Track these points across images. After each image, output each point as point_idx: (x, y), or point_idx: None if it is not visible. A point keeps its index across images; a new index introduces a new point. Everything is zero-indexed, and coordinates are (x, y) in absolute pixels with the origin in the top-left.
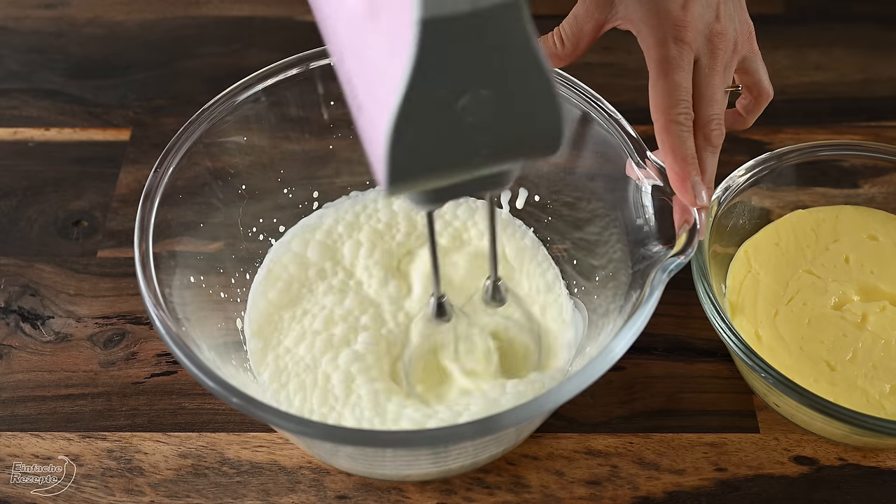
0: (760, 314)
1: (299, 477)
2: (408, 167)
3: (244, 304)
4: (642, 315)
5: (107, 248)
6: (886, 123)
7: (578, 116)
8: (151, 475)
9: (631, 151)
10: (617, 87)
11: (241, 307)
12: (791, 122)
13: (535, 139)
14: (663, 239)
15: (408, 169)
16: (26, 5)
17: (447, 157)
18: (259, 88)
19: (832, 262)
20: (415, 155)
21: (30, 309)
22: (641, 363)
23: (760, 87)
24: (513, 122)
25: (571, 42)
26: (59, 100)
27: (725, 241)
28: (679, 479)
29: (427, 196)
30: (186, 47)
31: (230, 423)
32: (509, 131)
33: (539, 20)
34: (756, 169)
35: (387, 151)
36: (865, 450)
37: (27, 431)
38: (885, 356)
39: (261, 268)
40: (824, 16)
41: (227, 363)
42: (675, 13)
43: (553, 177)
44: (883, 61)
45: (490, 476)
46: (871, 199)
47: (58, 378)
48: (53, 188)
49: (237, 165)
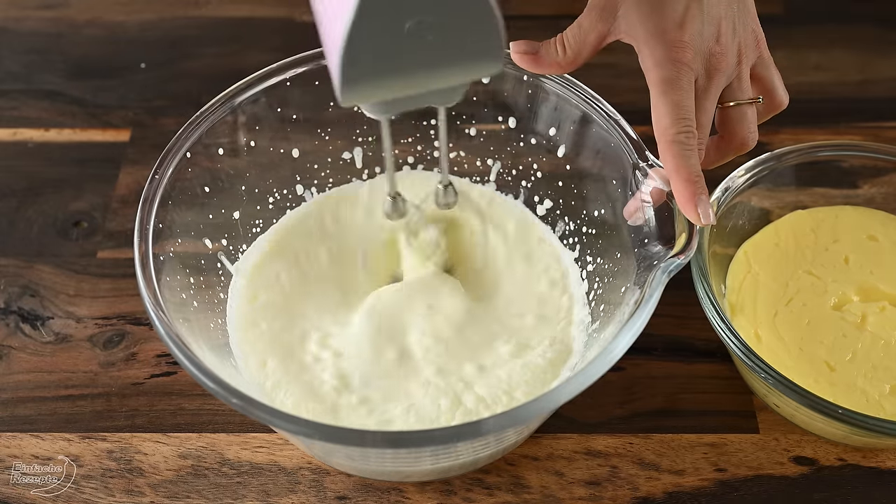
0: (760, 315)
1: (299, 477)
2: (358, 78)
3: None
4: (642, 315)
5: (106, 248)
6: (886, 124)
7: (578, 117)
8: (151, 476)
9: (630, 152)
10: (617, 89)
11: None
12: (790, 123)
13: (478, 55)
14: (663, 239)
15: (358, 80)
16: (26, 6)
17: (395, 72)
18: (259, 89)
19: (832, 263)
20: (365, 68)
21: (29, 310)
22: (641, 364)
23: (773, 94)
24: (456, 41)
25: (573, 51)
26: (58, 101)
27: (725, 242)
28: (679, 479)
29: (381, 105)
30: (186, 48)
31: (230, 423)
32: (453, 49)
33: (541, 20)
34: (756, 169)
35: (340, 63)
36: (865, 450)
37: (27, 432)
38: (884, 356)
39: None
40: (823, 16)
41: (226, 364)
42: (672, 34)
43: (552, 178)
44: (882, 61)
45: (490, 476)
46: (870, 200)
47: (57, 379)
48: (53, 189)
49: (237, 166)
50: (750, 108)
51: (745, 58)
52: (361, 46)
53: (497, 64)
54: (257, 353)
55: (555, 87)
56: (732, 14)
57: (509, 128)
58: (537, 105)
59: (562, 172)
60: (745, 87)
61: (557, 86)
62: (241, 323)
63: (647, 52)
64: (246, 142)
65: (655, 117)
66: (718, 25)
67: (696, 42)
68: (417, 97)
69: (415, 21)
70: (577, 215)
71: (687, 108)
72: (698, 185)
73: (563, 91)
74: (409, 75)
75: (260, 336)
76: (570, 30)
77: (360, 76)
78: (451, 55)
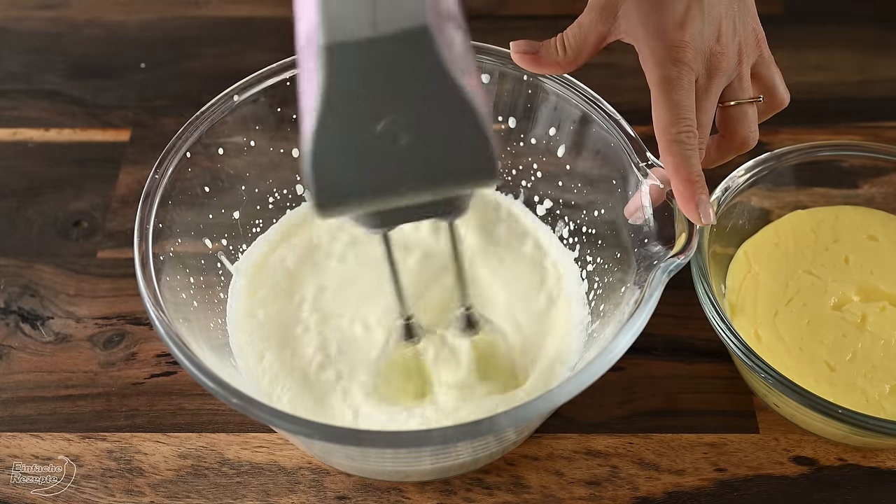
0: (760, 314)
1: (299, 477)
2: (333, 191)
3: None
4: (642, 315)
5: (106, 248)
6: (886, 124)
7: (578, 117)
8: (151, 476)
9: (630, 152)
10: (617, 88)
11: None
12: (790, 123)
13: (466, 167)
14: (663, 239)
15: (333, 193)
16: (26, 6)
17: (373, 183)
18: (258, 89)
19: (832, 263)
20: (339, 179)
21: (29, 309)
22: (641, 363)
23: (774, 93)
24: (438, 150)
25: (574, 51)
26: (58, 100)
27: (725, 242)
28: (679, 479)
29: (373, 219)
30: (186, 48)
31: (230, 423)
32: (435, 159)
33: (541, 20)
34: (755, 169)
35: (310, 174)
36: (865, 450)
37: (27, 432)
38: (884, 356)
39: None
40: (823, 16)
41: (226, 364)
42: (672, 34)
43: (552, 178)
44: (882, 61)
45: (490, 476)
46: (870, 200)
47: (57, 379)
48: (53, 189)
49: (236, 166)
50: (751, 107)
51: (745, 57)
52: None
53: (490, 182)
54: (255, 346)
55: (554, 87)
56: (733, 13)
57: (509, 128)
58: (537, 105)
59: (562, 172)
60: (745, 87)
61: (557, 86)
62: (240, 316)
63: (647, 52)
64: (246, 142)
65: (656, 116)
66: (719, 25)
67: (696, 42)
68: (413, 210)
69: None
70: (577, 215)
71: (687, 108)
72: (699, 184)
73: (562, 91)
74: (388, 183)
75: (258, 326)
76: (571, 29)
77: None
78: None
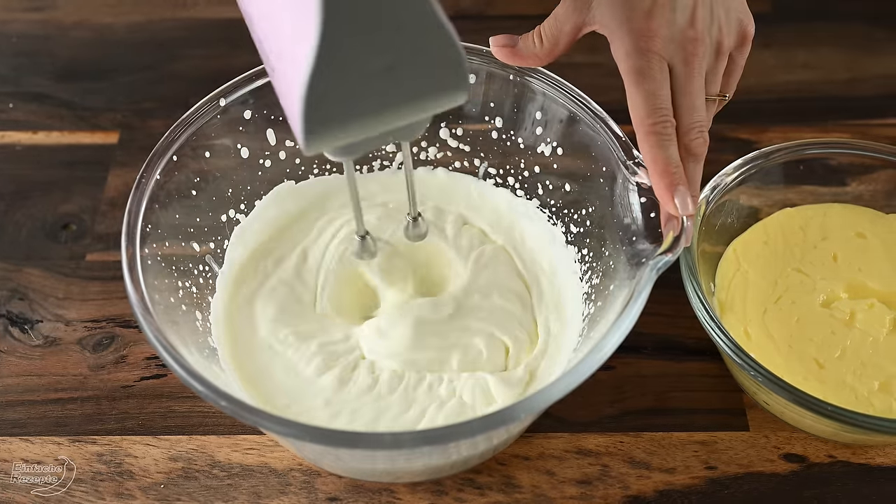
0: (749, 313)
1: (290, 479)
2: (322, 123)
3: None
4: (631, 313)
5: (95, 251)
6: (873, 121)
7: (565, 116)
8: (142, 479)
9: (617, 150)
10: (604, 88)
11: None
12: (778, 121)
13: (442, 88)
14: (651, 237)
15: (322, 125)
16: (13, 8)
17: (360, 112)
18: (246, 91)
19: (820, 260)
20: (329, 112)
21: (18, 313)
22: (631, 362)
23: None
24: (417, 71)
25: (550, 41)
26: (46, 103)
27: (714, 240)
28: (669, 477)
29: (344, 149)
30: (174, 50)
31: (220, 425)
32: (415, 80)
33: (528, 20)
34: (744, 168)
35: (302, 109)
36: (855, 447)
37: (17, 436)
38: (873, 353)
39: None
40: (811, 14)
41: (215, 366)
42: (639, 22)
43: (539, 177)
44: (870, 59)
45: (481, 476)
46: (858, 197)
47: (47, 382)
48: (42, 192)
49: (224, 168)
50: (712, 103)
51: (726, 47)
52: (324, 92)
53: (463, 94)
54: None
55: (542, 87)
56: (709, 2)
57: (496, 127)
58: (524, 104)
59: (549, 171)
60: (715, 80)
61: (544, 85)
62: (222, 317)
63: (618, 43)
64: (234, 143)
65: (631, 108)
66: (693, 11)
67: (664, 30)
68: (380, 136)
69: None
70: (564, 214)
71: (661, 98)
72: (676, 175)
73: (549, 90)
74: (375, 115)
75: (235, 324)
76: (547, 21)
77: (323, 122)
78: (416, 91)
